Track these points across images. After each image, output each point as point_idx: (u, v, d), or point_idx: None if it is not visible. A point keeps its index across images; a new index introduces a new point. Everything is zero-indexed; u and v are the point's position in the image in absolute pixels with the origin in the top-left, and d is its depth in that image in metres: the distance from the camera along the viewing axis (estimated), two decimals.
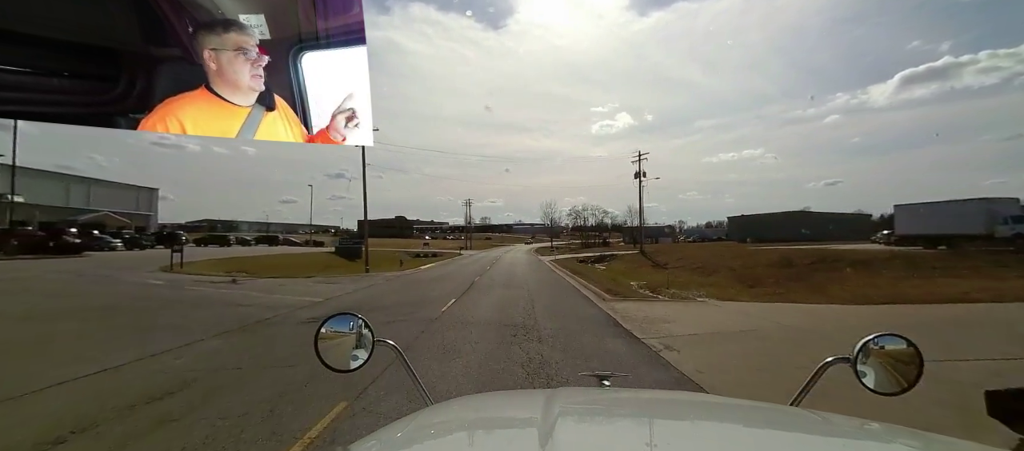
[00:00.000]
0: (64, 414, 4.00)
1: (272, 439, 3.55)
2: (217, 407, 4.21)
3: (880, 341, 1.11)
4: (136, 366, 5.60)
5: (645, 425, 1.01)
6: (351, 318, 1.30)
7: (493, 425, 1.08)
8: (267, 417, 3.98)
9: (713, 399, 2.29)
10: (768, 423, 1.01)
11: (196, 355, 6.21)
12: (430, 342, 7.02)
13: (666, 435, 0.91)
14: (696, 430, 0.98)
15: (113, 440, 3.53)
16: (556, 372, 5.53)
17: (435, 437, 0.97)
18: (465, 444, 0.94)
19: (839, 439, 0.89)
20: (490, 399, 1.56)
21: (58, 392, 4.61)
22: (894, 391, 1.08)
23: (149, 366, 5.62)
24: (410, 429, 1.01)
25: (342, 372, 1.29)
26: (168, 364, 5.72)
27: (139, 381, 4.98)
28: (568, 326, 8.60)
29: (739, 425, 1.02)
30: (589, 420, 1.05)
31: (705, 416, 1.11)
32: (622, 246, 71.00)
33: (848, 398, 1.47)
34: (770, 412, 1.09)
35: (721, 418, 1.09)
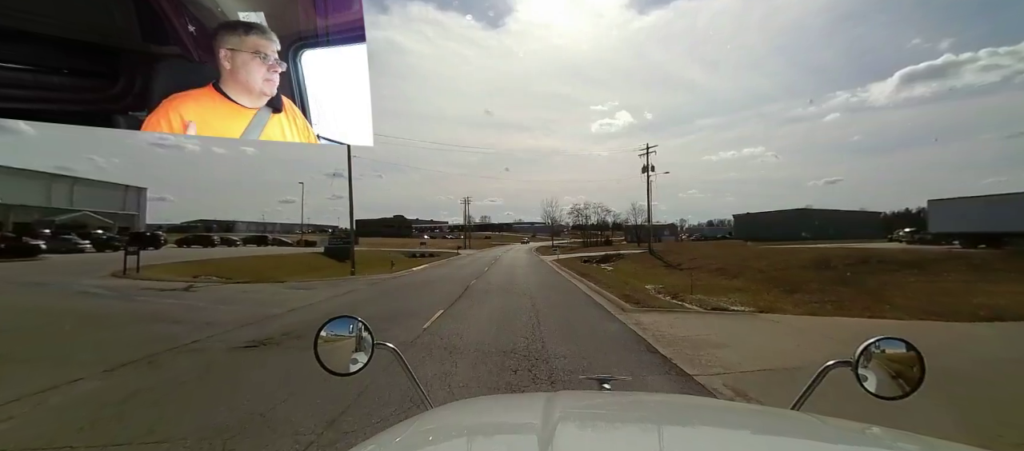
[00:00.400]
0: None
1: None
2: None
3: (882, 345, 1.10)
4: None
5: (646, 429, 1.01)
6: (351, 321, 1.29)
7: (493, 430, 1.06)
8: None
9: (715, 403, 2.14)
10: (770, 427, 1.01)
11: (29, 414, 4.04)
12: (391, 387, 4.75)
13: (668, 439, 0.90)
14: (698, 434, 0.96)
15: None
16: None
17: (434, 442, 0.97)
18: (465, 449, 0.91)
19: (841, 444, 0.89)
20: (490, 403, 1.52)
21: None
22: (896, 396, 1.07)
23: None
24: (409, 434, 1.01)
25: (342, 376, 1.27)
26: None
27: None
28: (587, 353, 6.39)
29: (741, 429, 1.00)
30: (590, 424, 1.02)
31: (707, 420, 1.08)
32: (625, 245, 68.69)
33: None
34: (772, 416, 1.13)
35: (723, 422, 1.07)
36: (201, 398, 4.56)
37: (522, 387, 4.93)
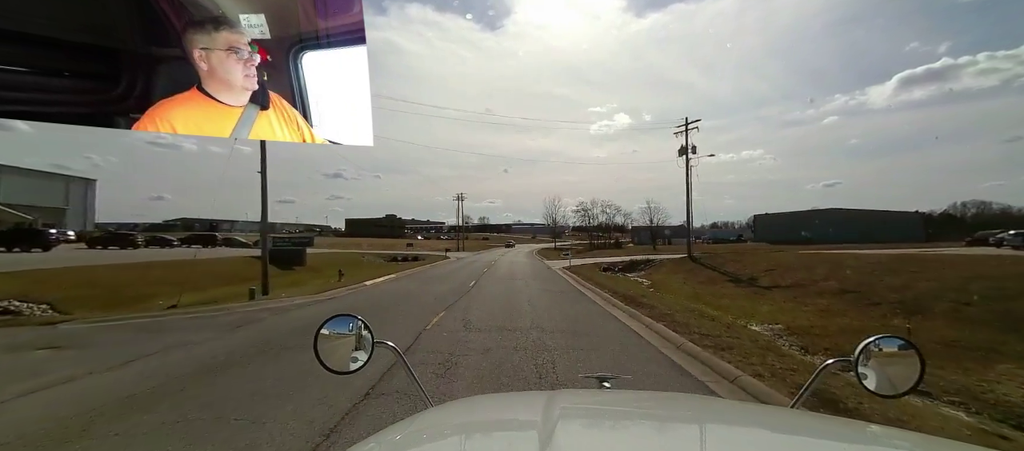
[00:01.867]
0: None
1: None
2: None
3: (880, 343, 1.07)
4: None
5: (646, 427, 1.01)
6: (351, 319, 1.26)
7: (493, 428, 1.06)
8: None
9: (713, 401, 2.14)
10: (768, 425, 1.01)
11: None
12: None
13: (667, 437, 0.92)
14: (697, 432, 0.96)
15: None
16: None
17: (435, 440, 0.95)
18: (465, 447, 0.90)
19: (839, 442, 0.88)
20: (490, 401, 1.53)
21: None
22: (895, 394, 1.06)
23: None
24: (410, 431, 1.00)
25: (342, 374, 1.25)
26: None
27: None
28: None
29: (739, 426, 1.00)
30: (590, 422, 1.02)
31: (706, 418, 1.08)
32: (633, 248, 60.77)
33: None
34: (770, 414, 1.21)
35: (722, 420, 1.07)
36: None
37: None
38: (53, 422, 3.91)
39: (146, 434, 3.66)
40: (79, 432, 3.69)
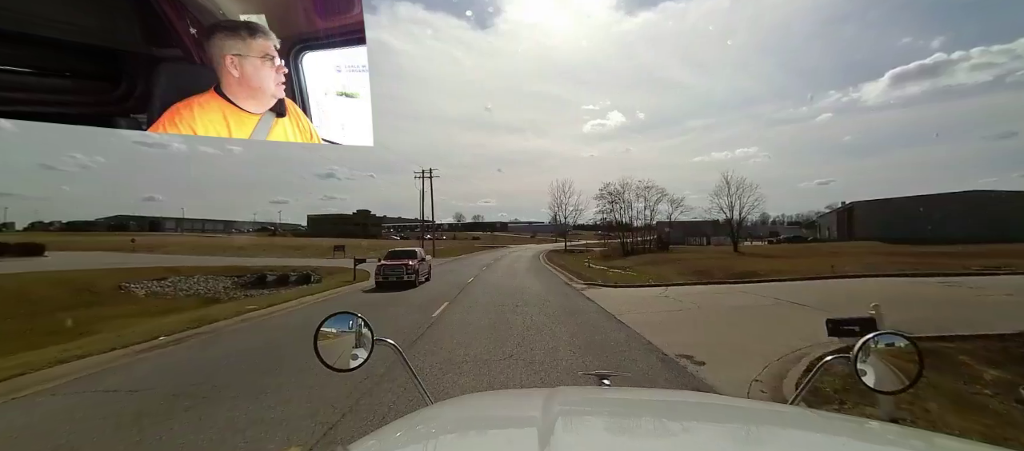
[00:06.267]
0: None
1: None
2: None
3: (880, 339, 1.06)
4: None
5: (645, 424, 1.00)
6: (350, 317, 1.26)
7: (493, 424, 1.05)
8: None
9: (712, 398, 2.16)
10: (767, 421, 1.00)
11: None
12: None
13: (666, 434, 0.91)
14: (695, 429, 0.95)
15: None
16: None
17: (435, 436, 0.94)
18: (465, 443, 0.91)
19: (838, 437, 0.87)
20: (490, 398, 1.53)
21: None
22: (894, 390, 1.06)
23: None
24: (410, 428, 1.01)
25: (342, 371, 1.23)
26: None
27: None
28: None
29: (738, 424, 1.00)
30: (589, 419, 1.02)
31: (704, 415, 1.07)
32: (686, 249, 40.82)
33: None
34: (769, 411, 1.15)
35: (720, 417, 1.06)
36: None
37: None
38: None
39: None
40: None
